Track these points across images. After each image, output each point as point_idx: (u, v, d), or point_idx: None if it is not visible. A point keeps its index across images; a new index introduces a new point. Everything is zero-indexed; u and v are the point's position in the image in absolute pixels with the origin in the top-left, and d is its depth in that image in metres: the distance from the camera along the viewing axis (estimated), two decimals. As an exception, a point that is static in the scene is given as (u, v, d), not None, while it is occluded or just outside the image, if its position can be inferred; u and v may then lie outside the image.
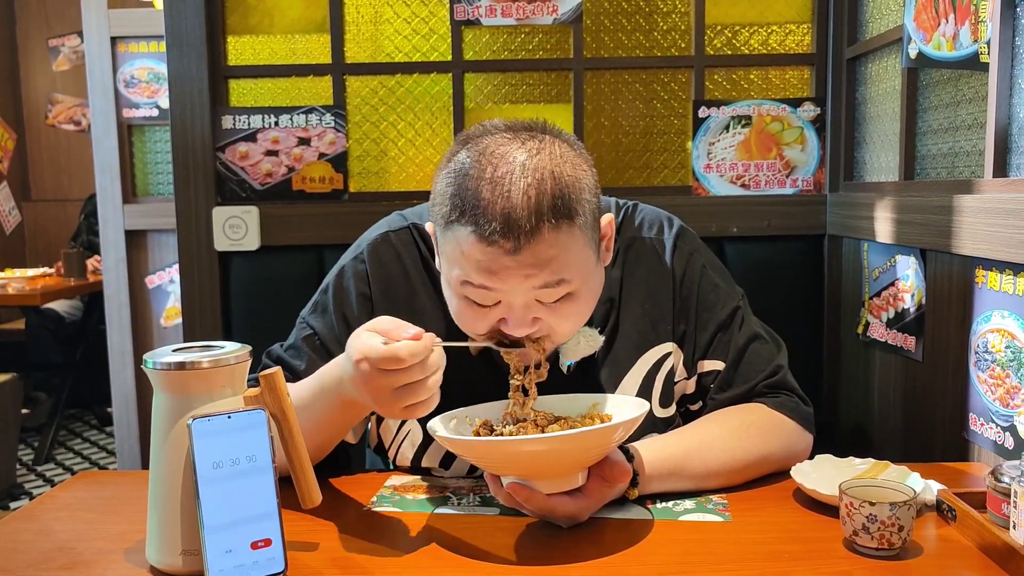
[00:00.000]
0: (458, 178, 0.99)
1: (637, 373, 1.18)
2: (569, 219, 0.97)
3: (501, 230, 0.94)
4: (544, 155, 0.98)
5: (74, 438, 4.37)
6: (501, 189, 0.95)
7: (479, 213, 0.95)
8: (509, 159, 0.97)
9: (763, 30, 2.07)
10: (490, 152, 0.98)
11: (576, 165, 1.01)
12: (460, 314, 1.05)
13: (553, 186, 0.96)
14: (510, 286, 0.98)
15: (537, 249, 0.96)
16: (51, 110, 5.62)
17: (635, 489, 1.04)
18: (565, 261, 0.98)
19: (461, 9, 2.04)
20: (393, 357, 0.90)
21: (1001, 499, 0.94)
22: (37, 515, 1.08)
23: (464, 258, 0.98)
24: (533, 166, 0.97)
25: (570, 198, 0.97)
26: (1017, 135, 1.33)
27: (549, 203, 0.95)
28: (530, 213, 0.95)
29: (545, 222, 0.95)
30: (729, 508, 1.05)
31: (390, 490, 1.13)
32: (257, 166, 2.08)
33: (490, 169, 0.97)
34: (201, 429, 0.83)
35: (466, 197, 0.97)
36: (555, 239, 0.97)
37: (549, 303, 1.01)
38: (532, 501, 0.95)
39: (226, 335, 2.05)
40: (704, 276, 1.21)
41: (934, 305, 1.52)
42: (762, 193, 2.07)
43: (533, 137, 1.00)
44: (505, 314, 1.01)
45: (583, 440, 0.92)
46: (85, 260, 4.18)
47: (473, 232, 0.96)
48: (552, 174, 0.97)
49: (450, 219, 0.99)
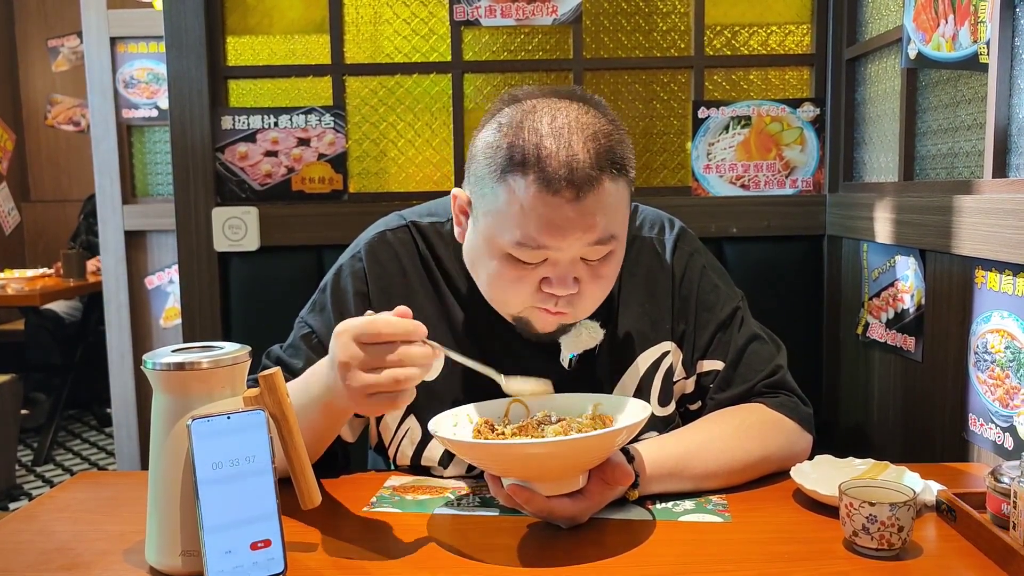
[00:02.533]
0: (512, 130, 0.99)
1: (636, 371, 1.19)
2: (624, 174, 1.01)
3: (567, 176, 0.95)
4: (593, 115, 1.01)
5: (73, 439, 4.37)
6: (562, 140, 0.97)
7: (543, 160, 0.96)
8: (564, 114, 1.00)
9: (763, 30, 2.07)
10: (543, 108, 1.01)
11: (619, 129, 1.04)
12: (498, 277, 1.04)
13: (607, 141, 0.99)
14: (568, 241, 0.98)
15: (597, 199, 0.98)
16: (50, 111, 5.62)
17: (635, 490, 1.03)
18: (616, 216, 1.01)
19: (461, 9, 2.04)
20: (373, 330, 0.89)
21: (1001, 499, 0.94)
22: (36, 516, 1.08)
23: (524, 212, 0.98)
24: (588, 122, 1.00)
25: (624, 155, 1.01)
26: (1016, 135, 1.33)
27: (607, 155, 0.98)
28: (592, 163, 0.97)
29: (607, 172, 0.98)
30: (729, 509, 1.05)
31: (389, 491, 1.13)
32: (256, 167, 2.08)
33: (548, 120, 0.99)
34: (200, 430, 0.83)
35: (526, 146, 0.97)
36: (613, 191, 0.99)
37: (592, 262, 1.02)
38: (532, 503, 0.95)
39: (225, 336, 2.05)
40: (704, 276, 1.22)
41: (934, 306, 1.53)
42: (761, 194, 2.07)
43: (580, 99, 1.04)
44: (549, 272, 1.01)
45: (585, 444, 0.92)
46: (84, 261, 4.17)
47: (536, 180, 0.96)
48: (605, 132, 1.00)
49: (506, 169, 0.98)
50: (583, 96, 1.05)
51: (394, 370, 0.89)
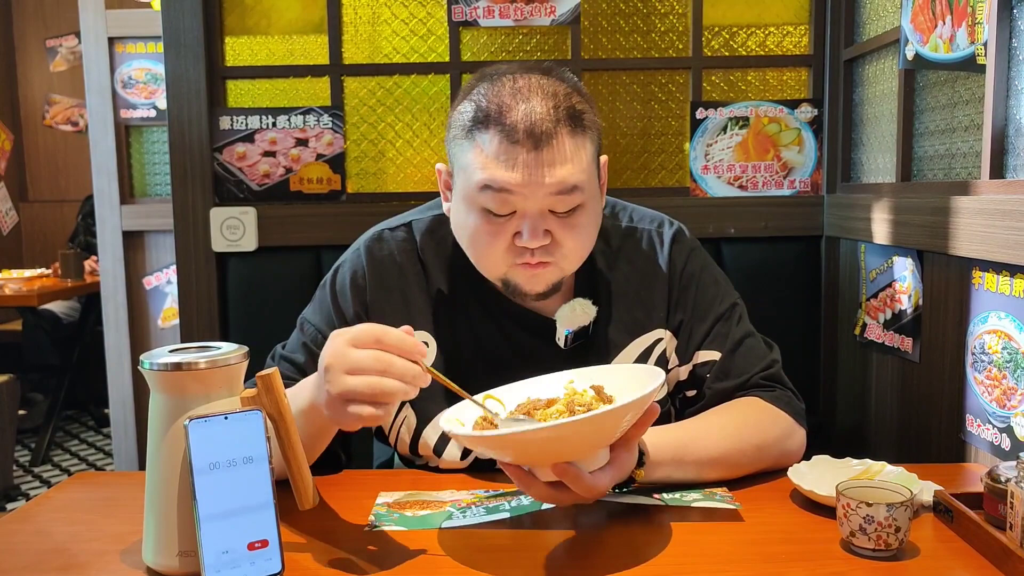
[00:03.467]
0: (478, 96, 1.08)
1: (627, 357, 1.21)
2: (583, 129, 1.08)
3: (524, 128, 1.03)
4: (556, 83, 1.09)
5: (71, 439, 4.37)
6: (522, 96, 1.06)
7: (503, 115, 1.05)
8: (527, 79, 1.08)
9: (760, 31, 2.07)
10: (507, 76, 1.09)
11: (585, 99, 1.11)
12: (476, 232, 1.10)
13: (566, 100, 1.07)
14: (530, 188, 1.04)
15: (556, 150, 1.04)
16: (48, 111, 5.61)
17: (641, 470, 1.03)
18: (578, 168, 1.06)
19: (459, 10, 2.04)
20: (373, 337, 0.88)
21: (998, 500, 0.94)
22: (33, 516, 1.07)
23: (487, 160, 1.05)
24: (549, 84, 1.08)
25: (583, 113, 1.08)
26: (1014, 137, 1.33)
27: (565, 111, 1.06)
28: (550, 116, 1.05)
29: (564, 125, 1.05)
30: (734, 500, 1.06)
31: (385, 507, 1.07)
32: (255, 167, 2.08)
33: (510, 84, 1.08)
34: (198, 430, 0.83)
35: (489, 107, 1.06)
36: (572, 144, 1.06)
37: (561, 215, 1.07)
38: (579, 482, 0.90)
39: (223, 336, 2.05)
40: (705, 271, 1.25)
41: (931, 306, 1.53)
42: (759, 194, 2.07)
43: (546, 71, 1.11)
44: (519, 226, 1.07)
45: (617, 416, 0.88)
46: (82, 261, 4.17)
47: (498, 133, 1.05)
48: (566, 92, 1.08)
49: (470, 127, 1.07)
50: (550, 69, 1.12)
51: (373, 378, 0.86)
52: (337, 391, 0.88)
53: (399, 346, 0.88)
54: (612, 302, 1.22)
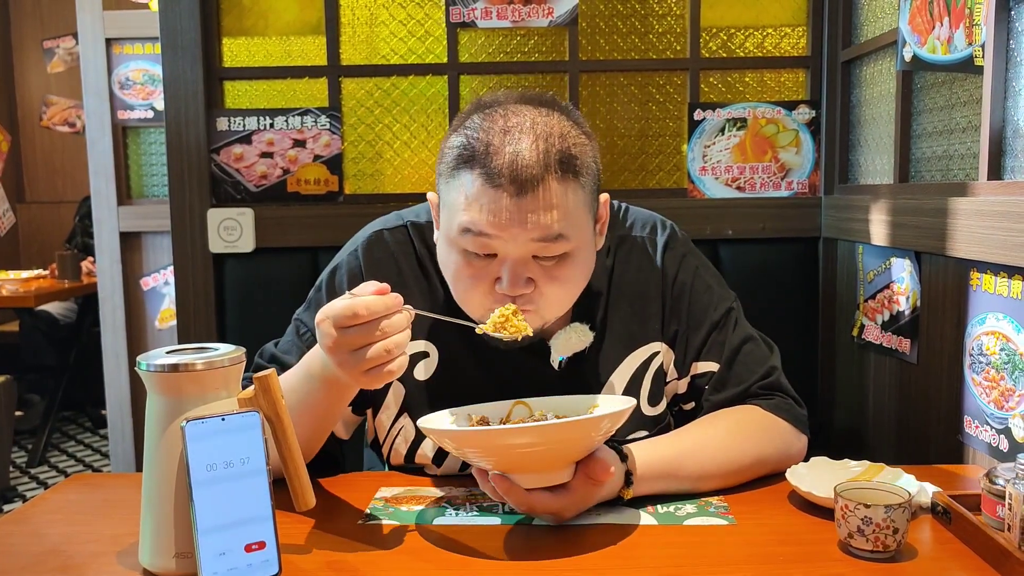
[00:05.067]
0: (468, 131, 1.03)
1: (625, 370, 1.19)
2: (574, 175, 1.02)
3: (508, 173, 0.98)
4: (554, 118, 1.03)
5: (68, 440, 4.36)
6: (511, 137, 1.00)
7: (487, 157, 1.00)
8: (520, 115, 1.02)
9: (758, 33, 2.07)
10: (502, 110, 1.03)
11: (582, 134, 1.05)
12: (457, 273, 1.06)
13: (561, 143, 1.01)
14: (509, 235, 1.00)
15: (540, 197, 0.99)
16: (46, 112, 5.61)
17: (629, 489, 1.03)
18: (565, 216, 1.01)
19: (457, 11, 2.04)
20: (350, 313, 0.89)
21: (996, 501, 0.94)
22: (29, 518, 1.07)
23: (468, 203, 1.01)
24: (543, 123, 1.02)
25: (576, 157, 1.02)
26: (1011, 138, 1.33)
27: (556, 156, 1.00)
28: (537, 160, 0.99)
29: (551, 172, 0.99)
30: (731, 511, 1.05)
31: (382, 502, 1.09)
32: (252, 168, 2.07)
33: (501, 122, 1.02)
34: (195, 431, 0.83)
35: (475, 145, 1.01)
36: (560, 191, 1.00)
37: (544, 263, 1.03)
38: (512, 494, 0.94)
39: (220, 337, 2.05)
40: (697, 277, 1.22)
41: (929, 308, 1.53)
42: (757, 196, 2.07)
43: (544, 104, 1.05)
44: (500, 271, 1.02)
45: (561, 432, 0.91)
46: (79, 262, 4.16)
47: (480, 175, 1.00)
48: (561, 133, 1.02)
49: (456, 165, 1.02)
50: (552, 102, 1.07)
51: (382, 343, 0.90)
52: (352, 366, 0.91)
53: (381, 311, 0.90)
54: (609, 317, 1.19)
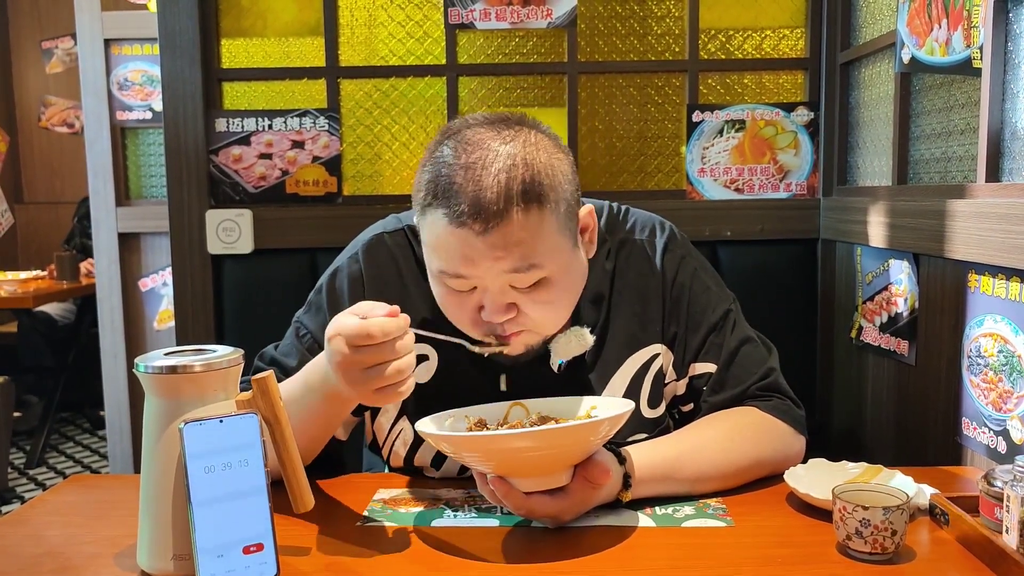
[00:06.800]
0: (435, 166, 1.02)
1: (626, 373, 1.19)
2: (540, 204, 1.00)
3: (470, 212, 0.98)
4: (518, 143, 1.01)
5: (66, 442, 4.36)
6: (472, 174, 0.99)
7: (450, 196, 0.99)
8: (484, 146, 1.01)
9: (757, 35, 2.07)
10: (466, 140, 1.02)
11: (551, 154, 1.03)
12: (443, 303, 1.09)
13: (524, 171, 0.99)
14: (481, 270, 1.01)
15: (506, 232, 0.98)
16: (44, 112, 5.60)
17: (628, 492, 1.03)
18: (535, 246, 1.01)
19: (455, 13, 2.04)
20: (365, 333, 0.90)
21: (994, 503, 0.94)
22: (27, 519, 1.07)
23: (437, 242, 1.02)
24: (506, 152, 1.00)
25: (542, 184, 1.00)
26: (1009, 140, 1.33)
27: (519, 187, 0.98)
28: (499, 196, 0.98)
29: (515, 205, 0.98)
30: (729, 513, 1.05)
31: (380, 504, 1.09)
32: (250, 169, 2.07)
33: (464, 156, 1.00)
34: (193, 433, 0.83)
35: (439, 183, 1.00)
36: (525, 223, 0.99)
37: (524, 289, 1.03)
38: (510, 497, 0.95)
39: (219, 338, 2.04)
40: (695, 279, 1.22)
41: (927, 309, 1.53)
42: (756, 197, 2.07)
43: (510, 127, 1.04)
44: (482, 299, 1.03)
45: (559, 435, 0.92)
46: (78, 263, 4.16)
47: (445, 215, 0.99)
48: (524, 160, 1.00)
49: (425, 204, 1.03)
50: (518, 121, 1.05)
51: (396, 363, 0.92)
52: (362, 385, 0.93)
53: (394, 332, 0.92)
54: (609, 319, 1.19)
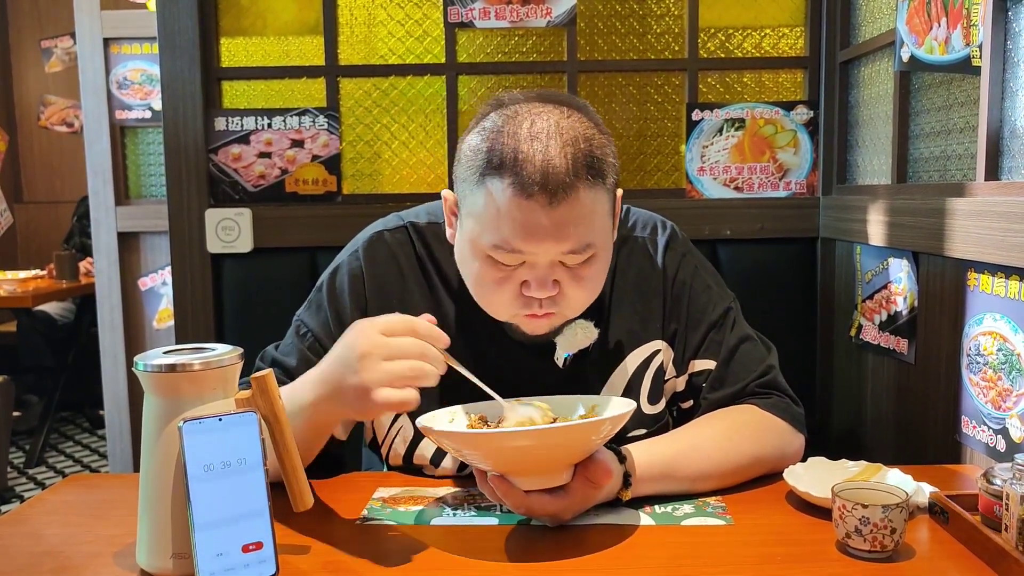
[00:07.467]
0: (493, 134, 1.01)
1: (625, 369, 1.20)
2: (603, 179, 1.01)
3: (541, 182, 0.96)
4: (575, 119, 1.02)
5: (66, 441, 4.36)
6: (539, 144, 0.97)
7: (519, 164, 0.97)
8: (545, 118, 1.00)
9: (756, 33, 2.07)
10: (524, 112, 1.01)
11: (604, 134, 1.04)
12: (481, 278, 1.05)
13: (587, 147, 0.99)
14: (544, 248, 0.99)
15: (572, 206, 0.98)
16: (43, 111, 5.60)
17: (628, 490, 1.03)
18: (593, 223, 1.01)
19: (455, 11, 2.04)
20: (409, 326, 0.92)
21: (993, 501, 0.94)
22: (26, 519, 1.07)
23: (500, 215, 0.99)
24: (568, 127, 1.00)
25: (603, 160, 1.01)
26: (1009, 139, 1.33)
27: (585, 161, 0.99)
28: (568, 168, 0.97)
29: (582, 179, 0.98)
30: (728, 511, 1.05)
31: (380, 502, 1.09)
32: (250, 168, 2.07)
33: (527, 125, 0.99)
34: (192, 431, 0.83)
35: (504, 150, 0.98)
36: (589, 199, 1.00)
37: (573, 265, 1.03)
38: (510, 496, 0.94)
39: (218, 337, 2.04)
40: (696, 277, 1.22)
41: (926, 308, 1.53)
42: (755, 196, 2.07)
43: (565, 103, 1.04)
44: (528, 275, 1.02)
45: (560, 434, 0.92)
46: (77, 262, 4.16)
47: (512, 184, 0.97)
48: (585, 136, 1.00)
49: (485, 172, 1.00)
50: (569, 100, 1.06)
51: (415, 362, 0.91)
52: (374, 377, 0.91)
53: (430, 335, 0.93)
54: (611, 316, 1.20)
